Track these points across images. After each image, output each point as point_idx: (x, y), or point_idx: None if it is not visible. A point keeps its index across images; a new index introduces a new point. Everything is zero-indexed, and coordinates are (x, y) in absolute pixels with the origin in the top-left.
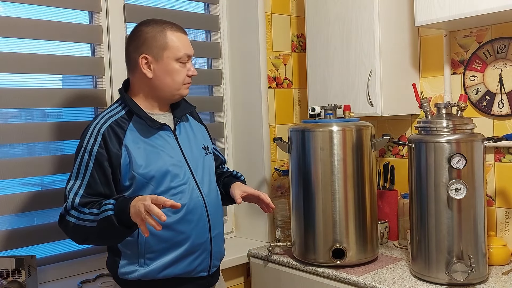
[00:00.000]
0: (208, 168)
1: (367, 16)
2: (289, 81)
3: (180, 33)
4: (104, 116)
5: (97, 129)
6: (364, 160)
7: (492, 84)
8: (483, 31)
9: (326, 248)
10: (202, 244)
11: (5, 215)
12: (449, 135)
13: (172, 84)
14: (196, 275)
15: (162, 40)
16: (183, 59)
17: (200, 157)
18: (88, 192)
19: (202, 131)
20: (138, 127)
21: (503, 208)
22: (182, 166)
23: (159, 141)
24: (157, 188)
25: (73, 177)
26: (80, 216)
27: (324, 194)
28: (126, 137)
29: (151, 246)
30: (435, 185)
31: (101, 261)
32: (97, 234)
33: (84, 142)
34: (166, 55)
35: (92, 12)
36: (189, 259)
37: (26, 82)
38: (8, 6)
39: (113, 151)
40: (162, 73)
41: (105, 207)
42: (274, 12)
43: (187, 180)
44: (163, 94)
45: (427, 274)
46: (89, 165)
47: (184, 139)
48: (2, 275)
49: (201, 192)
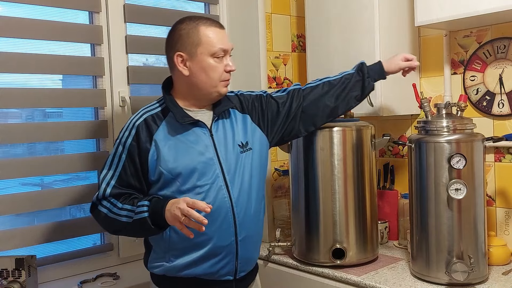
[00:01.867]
0: (242, 167)
1: (367, 16)
2: (289, 81)
3: (214, 27)
4: (142, 111)
5: (132, 122)
6: (364, 160)
7: (492, 84)
8: (483, 31)
9: (326, 248)
10: (226, 247)
11: (5, 215)
12: (449, 135)
13: (208, 81)
14: (220, 278)
15: (195, 36)
16: (218, 53)
17: (234, 156)
18: (120, 184)
19: (245, 123)
20: (172, 123)
21: (503, 208)
22: (212, 164)
23: (191, 138)
24: (182, 185)
25: (106, 167)
26: (113, 209)
27: (324, 194)
28: (157, 132)
29: (175, 244)
30: (435, 185)
31: (101, 261)
32: (131, 230)
33: (120, 134)
34: (200, 51)
35: (92, 12)
36: (212, 261)
37: (26, 82)
38: (9, 6)
39: (143, 145)
40: (197, 70)
41: (140, 208)
42: (274, 12)
43: (215, 179)
44: (200, 92)
45: (427, 274)
46: (122, 157)
47: (220, 137)
48: (2, 275)
49: (229, 193)
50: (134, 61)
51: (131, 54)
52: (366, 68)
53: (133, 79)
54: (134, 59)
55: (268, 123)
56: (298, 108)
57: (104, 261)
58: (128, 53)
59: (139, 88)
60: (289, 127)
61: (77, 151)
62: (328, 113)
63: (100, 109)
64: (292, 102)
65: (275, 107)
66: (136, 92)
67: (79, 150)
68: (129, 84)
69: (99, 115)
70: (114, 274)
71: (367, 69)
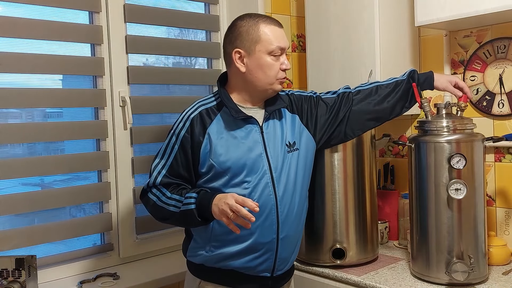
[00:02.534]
0: (288, 166)
1: (367, 16)
2: (289, 81)
3: (273, 26)
4: (197, 104)
5: (188, 114)
6: (364, 160)
7: (492, 84)
8: (483, 31)
9: (326, 248)
10: (266, 243)
11: (5, 215)
12: (449, 135)
13: (264, 78)
14: (258, 274)
15: (255, 34)
16: (276, 52)
17: (282, 154)
18: (170, 173)
19: (294, 123)
20: (226, 117)
21: (503, 208)
22: (261, 161)
23: (242, 134)
24: (231, 180)
25: (159, 156)
26: (161, 198)
27: (324, 194)
28: (211, 125)
29: (218, 235)
30: (435, 185)
31: (101, 261)
32: (177, 220)
33: (175, 125)
34: (258, 48)
35: (92, 12)
36: (251, 256)
37: (26, 82)
38: (8, 6)
39: (196, 137)
40: (255, 67)
41: (188, 200)
42: (274, 12)
43: (262, 176)
44: (256, 89)
45: (427, 274)
46: (174, 148)
47: (270, 135)
48: (2, 275)
49: (275, 191)
50: (134, 61)
51: (131, 54)
52: (417, 76)
53: (133, 79)
54: (134, 59)
55: (316, 125)
56: (347, 111)
57: (104, 261)
58: (128, 53)
59: (139, 88)
60: (336, 130)
61: (77, 151)
62: (376, 118)
63: (100, 109)
64: (342, 105)
65: (324, 109)
66: (136, 92)
67: (79, 150)
68: (129, 84)
69: (99, 115)
70: (114, 274)
71: (418, 77)
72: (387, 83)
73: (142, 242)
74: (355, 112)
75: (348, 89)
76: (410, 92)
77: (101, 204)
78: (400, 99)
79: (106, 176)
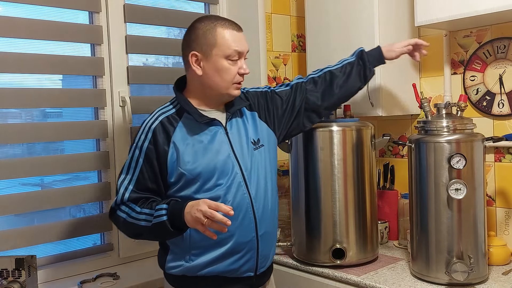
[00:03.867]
0: (257, 164)
1: (367, 16)
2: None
3: (231, 29)
4: (157, 113)
5: (148, 125)
6: (364, 160)
7: (492, 84)
8: (483, 31)
9: (326, 248)
10: (247, 243)
11: (4, 215)
12: (449, 135)
13: (221, 82)
14: (241, 275)
15: (212, 37)
16: (233, 56)
17: (249, 153)
18: (138, 188)
19: (254, 120)
20: (188, 123)
21: (503, 208)
22: (230, 162)
23: (208, 137)
24: (203, 185)
25: (124, 172)
26: (131, 214)
27: (324, 194)
28: (175, 133)
29: (197, 242)
30: (435, 185)
31: (101, 261)
32: (150, 234)
33: (136, 138)
34: (215, 52)
35: (92, 12)
36: (234, 257)
37: (26, 82)
38: (8, 6)
39: (161, 147)
40: (211, 71)
41: (158, 212)
42: (274, 12)
43: (234, 176)
44: (212, 92)
45: (427, 274)
46: (139, 161)
47: (235, 135)
48: (2, 275)
49: (248, 190)
50: (134, 61)
51: (131, 54)
52: (366, 56)
53: (133, 79)
54: (134, 59)
55: (274, 119)
56: (302, 102)
57: (104, 261)
58: (128, 53)
59: (139, 88)
60: (295, 121)
61: (77, 151)
62: (332, 103)
63: (100, 109)
64: (296, 96)
65: (280, 103)
66: (136, 92)
67: (79, 150)
68: (129, 84)
69: (99, 115)
70: (114, 274)
71: (367, 56)
72: (338, 67)
73: (141, 242)
74: (310, 101)
75: (301, 79)
76: (363, 73)
77: (101, 204)
78: (354, 81)
79: (106, 176)
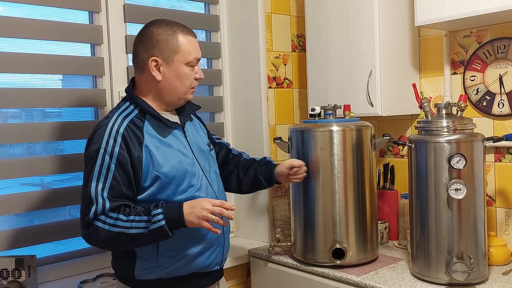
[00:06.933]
0: (214, 164)
1: (367, 16)
2: (289, 81)
3: (191, 36)
4: (119, 116)
5: (115, 129)
6: (364, 160)
7: (492, 84)
8: (483, 31)
9: (326, 248)
10: (217, 238)
11: (5, 215)
12: (449, 135)
13: (180, 87)
14: (211, 269)
15: (174, 44)
16: (193, 62)
17: (206, 155)
18: (113, 195)
19: (202, 127)
20: (153, 126)
21: (503, 208)
22: (195, 164)
23: (173, 140)
24: (178, 187)
25: (93, 179)
26: (117, 223)
27: (324, 194)
28: (145, 137)
29: (172, 244)
30: (435, 185)
31: (101, 261)
32: (143, 240)
33: (103, 143)
34: (177, 58)
35: (92, 12)
36: (207, 253)
37: (26, 82)
38: (8, 6)
39: (135, 152)
40: (172, 76)
41: (156, 217)
42: (274, 12)
43: (201, 177)
44: (169, 97)
45: (427, 274)
46: (110, 167)
47: (192, 138)
48: (2, 275)
49: (213, 189)
50: None
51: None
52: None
53: None
54: None
55: None
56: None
57: (104, 261)
58: (128, 53)
59: None
60: None
61: (77, 151)
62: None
63: (100, 109)
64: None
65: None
66: None
67: (79, 150)
68: None
69: (99, 115)
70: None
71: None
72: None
73: None
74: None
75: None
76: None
77: None
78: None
79: None
